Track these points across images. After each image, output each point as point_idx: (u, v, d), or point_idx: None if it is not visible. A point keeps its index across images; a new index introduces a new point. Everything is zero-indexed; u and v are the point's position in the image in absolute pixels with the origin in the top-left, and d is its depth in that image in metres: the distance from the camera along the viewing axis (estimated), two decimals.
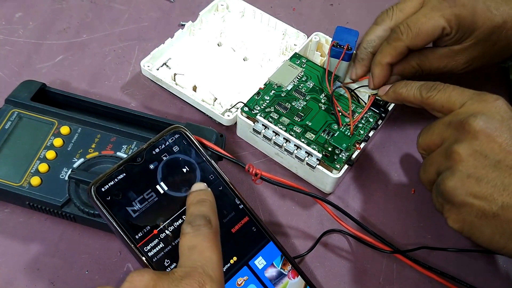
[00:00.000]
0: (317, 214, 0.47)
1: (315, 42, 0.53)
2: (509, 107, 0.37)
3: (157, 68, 0.53)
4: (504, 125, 0.36)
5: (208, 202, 0.36)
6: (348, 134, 0.47)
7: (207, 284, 0.30)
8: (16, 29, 0.57)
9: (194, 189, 0.37)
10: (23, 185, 0.43)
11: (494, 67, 0.56)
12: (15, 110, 0.46)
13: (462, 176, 0.36)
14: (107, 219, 0.36)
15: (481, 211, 0.35)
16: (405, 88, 0.43)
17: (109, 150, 0.44)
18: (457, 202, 0.36)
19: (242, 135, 0.50)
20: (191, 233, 0.33)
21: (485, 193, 0.35)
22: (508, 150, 0.35)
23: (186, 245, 0.33)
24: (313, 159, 0.45)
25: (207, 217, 0.34)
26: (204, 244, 0.33)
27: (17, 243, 0.43)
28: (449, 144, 0.37)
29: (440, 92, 0.40)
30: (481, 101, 0.38)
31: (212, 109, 0.49)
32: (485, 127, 0.36)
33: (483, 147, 0.35)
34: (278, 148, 0.47)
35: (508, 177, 0.34)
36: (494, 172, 0.35)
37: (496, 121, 0.36)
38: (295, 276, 0.40)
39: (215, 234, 0.34)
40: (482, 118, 0.36)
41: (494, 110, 0.37)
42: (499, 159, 0.35)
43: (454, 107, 0.39)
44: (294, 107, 0.48)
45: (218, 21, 0.57)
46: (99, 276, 0.42)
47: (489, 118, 0.36)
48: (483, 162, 0.35)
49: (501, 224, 0.35)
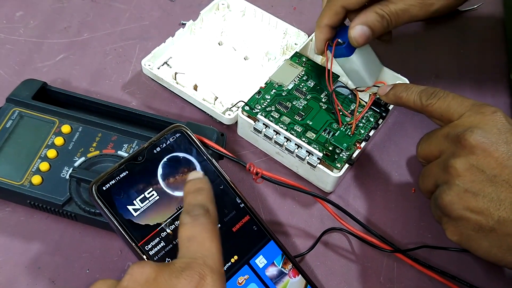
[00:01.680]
0: (318, 213, 0.47)
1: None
2: (507, 119, 0.37)
3: (158, 67, 0.53)
4: (501, 139, 0.36)
5: (206, 190, 0.35)
6: (348, 134, 0.47)
7: (208, 275, 0.30)
8: (17, 28, 0.57)
9: (191, 177, 0.36)
10: (24, 184, 0.43)
11: (493, 68, 0.57)
12: (16, 109, 0.46)
13: (459, 190, 0.36)
14: (108, 218, 0.36)
15: (478, 225, 0.35)
16: (406, 92, 0.43)
17: (110, 149, 0.44)
18: (455, 216, 0.36)
19: (243, 134, 0.50)
20: (189, 223, 0.32)
21: (482, 208, 0.35)
22: (504, 164, 0.35)
23: (185, 235, 0.32)
24: (313, 158, 0.45)
25: (205, 206, 0.34)
26: (203, 235, 0.32)
27: (18, 242, 0.43)
28: (446, 158, 0.38)
29: (440, 100, 0.40)
30: (479, 113, 0.37)
31: (213, 108, 0.49)
32: (482, 141, 0.36)
33: (479, 162, 0.36)
34: (279, 147, 0.47)
35: (504, 191, 0.35)
36: (491, 186, 0.35)
37: (493, 134, 0.36)
38: (295, 275, 0.40)
39: (214, 224, 0.33)
40: (479, 133, 0.36)
41: (492, 123, 0.37)
42: (495, 174, 0.35)
43: (453, 118, 0.39)
44: (295, 106, 0.49)
45: (219, 20, 0.57)
46: (100, 275, 0.42)
47: (485, 132, 0.36)
48: (480, 177, 0.35)
49: (498, 237, 0.35)
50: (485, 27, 0.62)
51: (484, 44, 0.60)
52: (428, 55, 0.59)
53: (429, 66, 0.58)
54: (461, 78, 0.57)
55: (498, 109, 0.38)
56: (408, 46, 0.59)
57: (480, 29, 0.62)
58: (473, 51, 0.60)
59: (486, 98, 0.55)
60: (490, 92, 0.56)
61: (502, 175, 0.35)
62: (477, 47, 0.60)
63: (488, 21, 0.62)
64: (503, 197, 0.34)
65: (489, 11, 0.63)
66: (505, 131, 0.36)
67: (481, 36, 0.61)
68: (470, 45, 0.60)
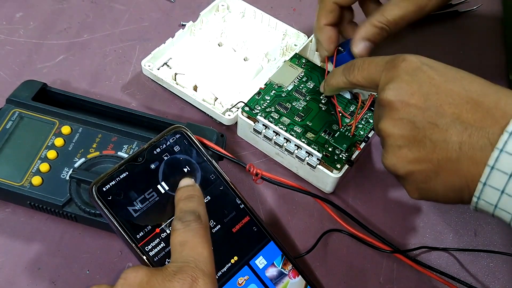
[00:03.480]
0: (318, 214, 0.47)
1: (315, 42, 0.53)
2: (418, 59, 0.36)
3: (157, 68, 0.53)
4: (414, 84, 0.34)
5: (197, 197, 0.37)
6: (348, 135, 0.47)
7: (200, 278, 0.31)
8: (17, 29, 0.57)
9: (182, 184, 0.38)
10: (24, 185, 0.43)
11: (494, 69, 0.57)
12: (16, 110, 0.46)
13: (394, 150, 0.35)
14: (108, 219, 0.36)
15: (424, 175, 0.34)
16: (333, 77, 0.43)
17: (110, 150, 0.45)
18: (402, 175, 0.36)
19: (243, 135, 0.51)
20: (181, 229, 0.34)
21: (420, 156, 0.34)
22: (424, 107, 0.34)
23: (177, 241, 0.33)
24: (313, 159, 0.45)
25: (196, 212, 0.35)
26: (195, 240, 0.33)
27: (18, 243, 0.43)
28: (376, 124, 0.38)
29: (359, 70, 0.40)
30: (392, 69, 0.36)
31: (213, 108, 0.49)
32: (396, 95, 0.35)
33: (401, 114, 0.35)
34: (279, 148, 0.47)
35: (434, 133, 0.33)
36: (420, 133, 0.34)
37: (405, 83, 0.35)
38: (295, 275, 0.40)
39: (205, 229, 0.34)
40: (391, 88, 0.35)
41: (403, 72, 0.35)
42: (420, 119, 0.34)
43: (377, 82, 0.38)
44: (295, 107, 0.49)
45: (218, 21, 0.57)
46: (100, 275, 0.42)
47: (398, 83, 0.35)
48: (407, 128, 0.34)
49: (445, 179, 0.34)
50: (484, 28, 0.62)
51: (483, 45, 0.60)
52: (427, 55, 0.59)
53: None
54: None
55: (408, 54, 0.36)
56: (408, 47, 0.59)
57: (480, 30, 0.62)
58: (473, 52, 0.60)
59: None
60: None
61: (426, 118, 0.34)
62: (477, 47, 0.60)
63: (488, 22, 0.62)
64: (434, 139, 0.33)
65: (488, 12, 0.63)
66: (416, 73, 0.35)
67: (481, 37, 0.61)
68: (470, 45, 0.60)
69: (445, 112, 0.33)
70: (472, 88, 0.33)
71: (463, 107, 0.32)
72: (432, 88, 0.34)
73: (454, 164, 0.33)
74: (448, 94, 0.33)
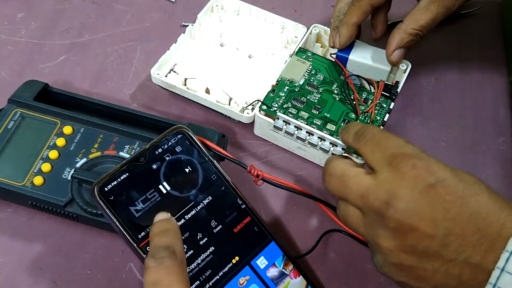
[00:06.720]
0: (319, 214, 0.47)
1: (315, 34, 0.54)
2: (428, 169, 0.33)
3: (165, 75, 0.52)
4: (424, 205, 0.32)
5: (171, 231, 0.35)
6: (367, 121, 0.48)
7: None
8: (19, 29, 0.57)
9: (157, 219, 0.36)
10: (26, 185, 0.43)
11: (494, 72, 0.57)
12: (18, 110, 0.46)
13: (390, 264, 0.34)
14: (110, 219, 0.36)
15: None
16: (346, 133, 0.40)
17: (112, 150, 0.45)
18: (396, 281, 0.35)
19: (260, 133, 0.51)
20: (154, 267, 0.31)
21: (418, 276, 0.33)
22: (432, 234, 0.32)
23: (150, 280, 0.31)
24: (338, 149, 0.46)
25: (171, 247, 0.33)
26: (169, 277, 0.31)
27: (19, 243, 0.43)
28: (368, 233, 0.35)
29: (365, 145, 0.37)
30: (398, 173, 0.34)
31: (231, 108, 0.49)
32: (405, 217, 0.32)
33: (408, 240, 0.33)
34: (301, 142, 0.48)
35: (437, 262, 0.32)
36: (423, 258, 0.33)
37: (414, 203, 0.32)
38: (296, 276, 0.40)
39: (180, 265, 0.32)
40: (400, 207, 0.33)
41: (412, 185, 0.33)
42: (425, 247, 0.33)
43: (373, 167, 0.36)
44: (310, 101, 0.49)
45: (215, 22, 0.57)
46: (101, 275, 0.42)
47: (407, 202, 0.32)
48: (409, 250, 0.33)
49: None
50: (484, 29, 0.62)
51: (483, 46, 0.60)
52: (428, 57, 0.59)
53: (429, 68, 0.58)
54: (461, 80, 0.58)
55: (416, 159, 0.34)
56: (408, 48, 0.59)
57: (480, 31, 0.62)
58: (473, 53, 0.60)
59: (486, 99, 0.56)
60: (490, 94, 0.56)
61: (432, 246, 0.32)
62: (477, 49, 0.60)
63: (488, 23, 0.63)
64: (436, 267, 0.32)
65: (488, 13, 0.63)
66: (428, 192, 0.32)
67: (481, 38, 0.61)
68: (470, 47, 0.60)
69: (451, 243, 0.32)
70: (478, 209, 0.32)
71: (468, 240, 0.31)
72: (442, 213, 0.32)
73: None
74: (456, 222, 0.32)
